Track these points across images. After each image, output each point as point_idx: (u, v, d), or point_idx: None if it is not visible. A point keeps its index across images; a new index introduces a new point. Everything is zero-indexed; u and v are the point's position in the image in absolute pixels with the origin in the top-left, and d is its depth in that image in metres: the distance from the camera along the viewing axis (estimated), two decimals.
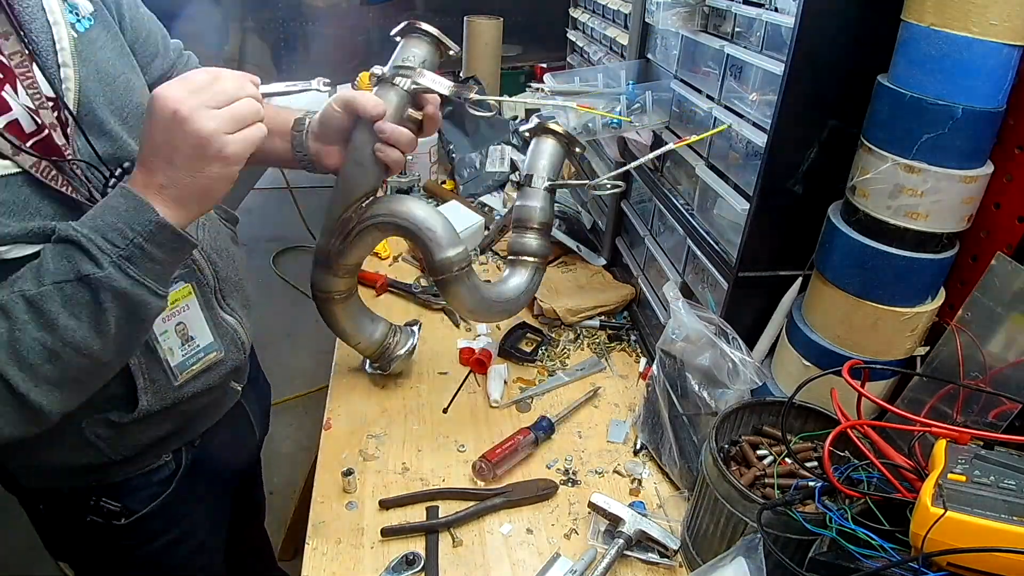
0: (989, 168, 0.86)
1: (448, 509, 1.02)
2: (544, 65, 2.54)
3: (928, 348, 0.97)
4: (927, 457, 0.71)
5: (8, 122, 0.69)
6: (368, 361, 1.27)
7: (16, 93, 0.71)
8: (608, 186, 1.14)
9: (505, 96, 2.46)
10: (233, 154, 0.69)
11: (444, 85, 0.95)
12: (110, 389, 0.82)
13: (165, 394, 0.88)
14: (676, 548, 0.94)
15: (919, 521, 0.62)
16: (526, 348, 1.40)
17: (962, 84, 0.79)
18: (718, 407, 1.04)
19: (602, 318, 1.49)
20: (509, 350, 1.37)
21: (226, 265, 0.99)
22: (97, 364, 0.70)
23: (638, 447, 1.16)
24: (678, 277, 1.28)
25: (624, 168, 1.11)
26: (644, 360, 1.38)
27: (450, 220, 1.01)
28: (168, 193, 0.68)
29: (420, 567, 0.93)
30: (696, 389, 1.06)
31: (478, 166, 2.03)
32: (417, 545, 0.97)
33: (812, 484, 0.82)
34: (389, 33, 0.96)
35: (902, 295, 0.92)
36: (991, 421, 0.84)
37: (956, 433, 0.71)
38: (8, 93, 0.70)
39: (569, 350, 1.41)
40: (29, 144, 0.70)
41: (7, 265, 0.68)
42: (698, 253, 1.18)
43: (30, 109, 0.71)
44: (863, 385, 0.82)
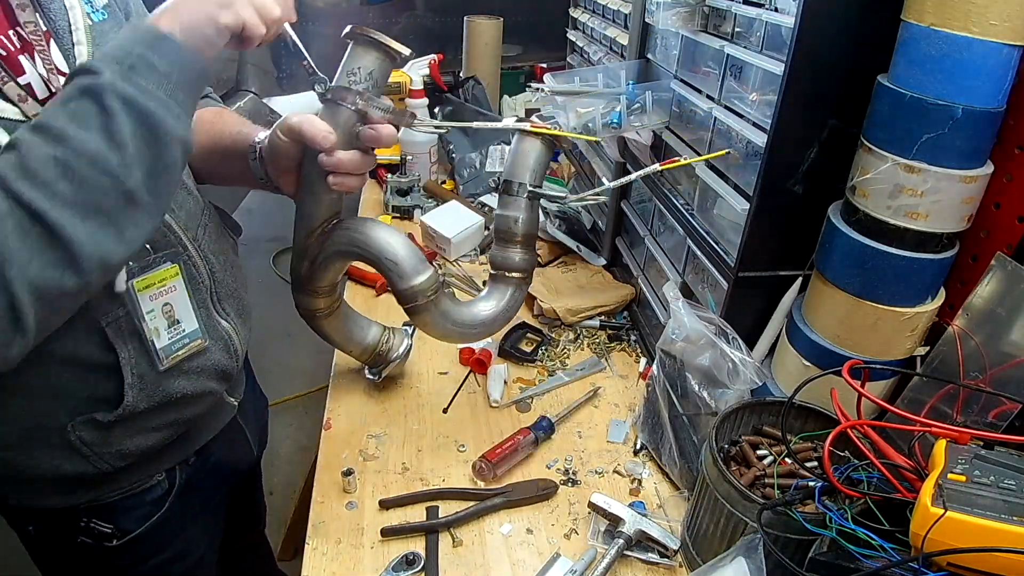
0: (989, 168, 0.86)
1: (448, 509, 1.02)
2: (544, 65, 2.54)
3: (928, 348, 0.97)
4: (927, 457, 0.71)
5: (24, 84, 0.71)
6: (368, 367, 1.27)
7: (34, 63, 0.72)
8: (588, 199, 1.12)
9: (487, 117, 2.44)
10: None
11: (383, 108, 0.87)
12: (94, 386, 0.82)
13: (152, 388, 0.86)
14: (676, 548, 0.94)
15: (919, 521, 0.62)
16: (526, 348, 1.40)
17: (962, 84, 0.79)
18: (718, 407, 1.04)
19: (602, 318, 1.49)
20: (509, 350, 1.37)
21: (224, 270, 0.97)
22: (122, 189, 0.64)
23: (638, 447, 1.17)
24: (678, 277, 1.28)
25: (604, 188, 1.10)
26: (644, 360, 1.38)
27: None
28: (171, 15, 0.68)
29: (420, 567, 0.93)
30: (696, 389, 1.06)
31: (478, 166, 2.03)
32: (417, 545, 0.97)
33: (812, 484, 0.82)
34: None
35: (902, 295, 0.92)
36: (991, 421, 0.84)
37: (956, 433, 0.71)
38: (25, 60, 0.72)
39: (569, 350, 1.41)
40: (42, 109, 0.70)
41: None
42: (698, 253, 1.18)
43: (44, 78, 0.73)
44: (863, 385, 0.82)
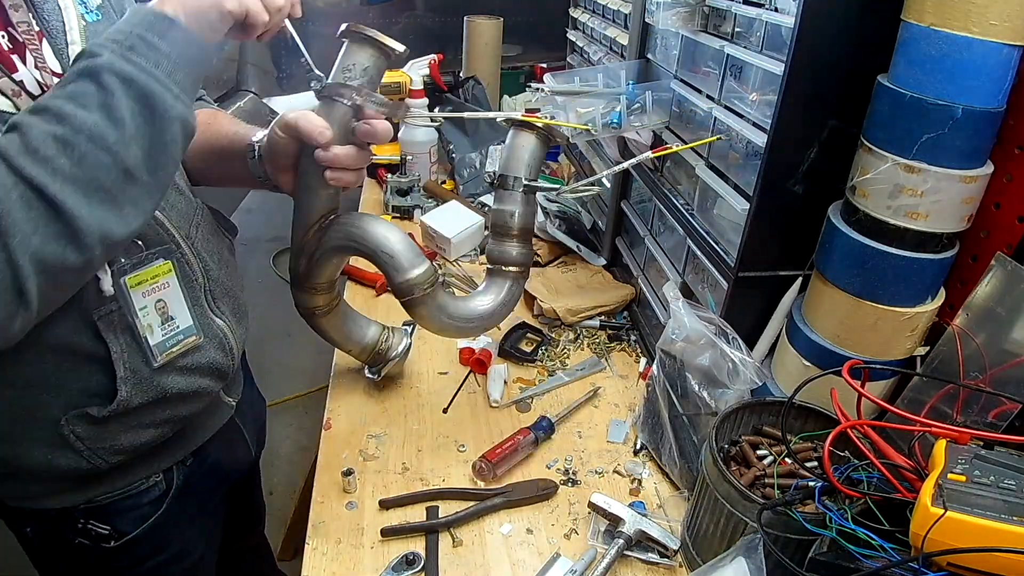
0: (989, 168, 0.86)
1: (448, 509, 1.02)
2: (544, 65, 2.54)
3: (928, 348, 0.97)
4: (927, 457, 0.71)
5: (17, 80, 0.71)
6: (367, 366, 1.27)
7: (24, 63, 0.72)
8: (582, 190, 1.14)
9: (487, 112, 2.45)
10: None
11: (378, 103, 0.88)
12: (87, 379, 0.82)
13: (146, 384, 0.85)
14: (676, 548, 0.94)
15: (919, 521, 0.62)
16: (526, 348, 1.40)
17: (962, 84, 0.79)
18: (718, 407, 1.04)
19: (602, 318, 1.49)
20: (509, 350, 1.37)
21: (219, 269, 0.97)
22: (121, 166, 0.65)
23: (638, 447, 1.16)
24: (678, 277, 1.28)
25: (595, 176, 1.12)
26: (644, 360, 1.38)
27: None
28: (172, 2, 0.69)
29: (420, 567, 0.93)
30: (696, 389, 1.06)
31: (478, 166, 2.03)
32: (417, 545, 0.97)
33: (812, 484, 0.82)
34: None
35: (902, 295, 0.92)
36: (991, 421, 0.84)
37: (956, 433, 0.71)
38: (17, 59, 0.72)
39: (569, 350, 1.41)
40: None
41: None
42: (698, 253, 1.18)
43: (37, 76, 0.73)
44: (863, 385, 0.82)
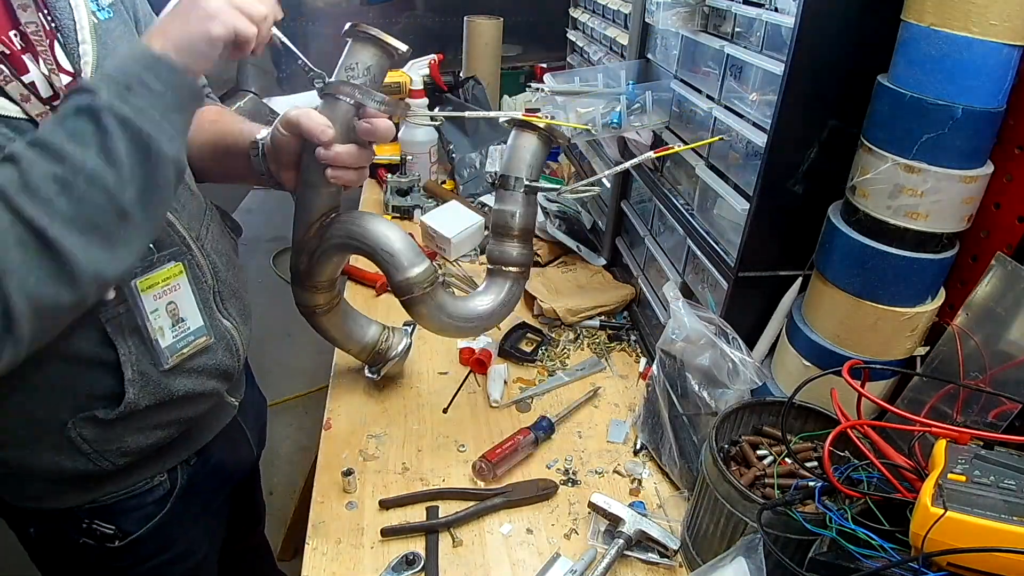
0: (989, 168, 0.86)
1: (448, 509, 1.02)
2: (544, 65, 2.54)
3: (928, 348, 0.97)
4: (927, 457, 0.71)
5: (27, 83, 0.72)
6: (367, 365, 1.27)
7: (37, 63, 0.73)
8: (581, 190, 1.14)
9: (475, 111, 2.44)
10: (216, 8, 0.70)
11: (379, 101, 0.88)
12: (94, 382, 0.81)
13: (154, 386, 0.86)
14: (676, 548, 0.94)
15: (919, 521, 0.62)
16: (526, 348, 1.40)
17: (962, 84, 0.79)
18: (718, 407, 1.04)
19: (602, 318, 1.49)
20: (509, 350, 1.37)
21: (227, 270, 0.98)
22: (116, 207, 0.66)
23: (638, 447, 1.16)
24: (678, 277, 1.28)
25: (595, 177, 1.12)
26: (644, 360, 1.38)
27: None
28: (161, 36, 0.70)
29: (420, 567, 0.93)
30: (696, 389, 1.06)
31: (478, 166, 2.03)
32: (417, 545, 0.97)
33: (812, 484, 0.82)
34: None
35: (902, 295, 0.92)
36: (991, 421, 0.84)
37: (956, 433, 0.71)
38: (28, 59, 0.73)
39: (569, 350, 1.41)
40: (49, 108, 0.72)
41: None
42: (698, 253, 1.18)
43: (47, 77, 0.74)
44: (863, 385, 0.82)
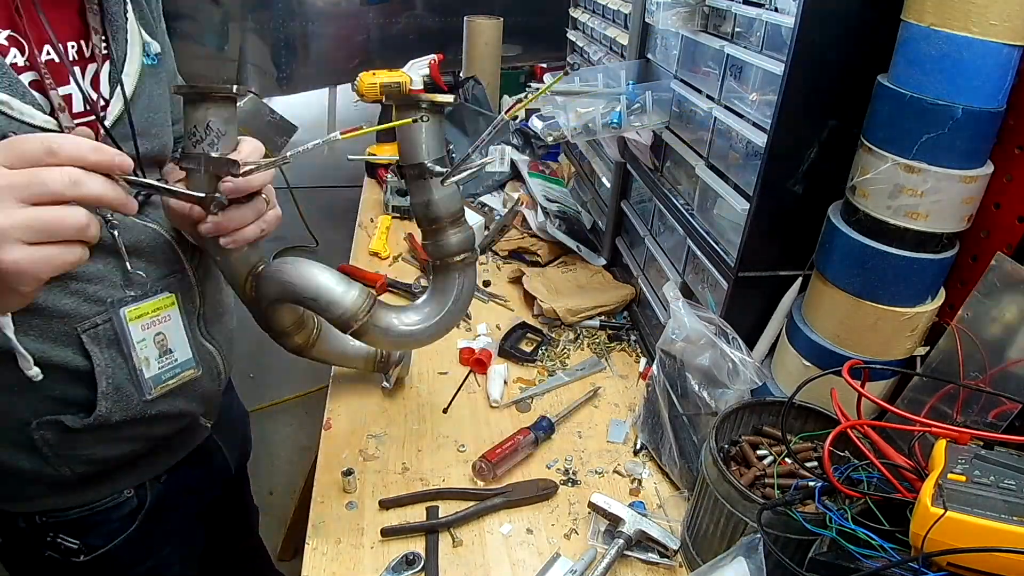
0: (989, 168, 0.86)
1: (448, 509, 1.02)
2: (544, 65, 2.54)
3: (928, 348, 0.96)
4: (927, 457, 0.71)
5: (64, 95, 0.75)
6: (384, 377, 1.24)
7: (83, 76, 0.77)
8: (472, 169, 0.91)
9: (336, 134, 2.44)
10: (11, 265, 0.52)
11: (228, 165, 0.74)
12: (65, 389, 0.80)
13: (129, 405, 0.84)
14: (676, 548, 0.94)
15: (919, 521, 0.62)
16: (526, 348, 1.40)
17: (962, 84, 0.79)
18: (718, 407, 1.04)
19: (602, 318, 1.49)
20: (509, 350, 1.37)
21: (213, 293, 0.97)
22: None
23: (638, 447, 1.16)
24: (678, 277, 1.28)
25: (480, 162, 0.92)
26: (644, 360, 1.38)
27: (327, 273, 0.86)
28: None
29: (420, 567, 0.93)
30: (696, 389, 1.06)
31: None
32: (417, 545, 0.97)
33: (812, 484, 0.82)
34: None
35: (902, 295, 0.92)
36: (991, 421, 0.84)
37: (956, 433, 0.71)
38: (78, 71, 0.77)
39: (569, 350, 1.41)
40: (76, 122, 0.75)
41: None
42: (698, 253, 1.18)
43: (85, 93, 0.77)
44: (863, 385, 0.82)
